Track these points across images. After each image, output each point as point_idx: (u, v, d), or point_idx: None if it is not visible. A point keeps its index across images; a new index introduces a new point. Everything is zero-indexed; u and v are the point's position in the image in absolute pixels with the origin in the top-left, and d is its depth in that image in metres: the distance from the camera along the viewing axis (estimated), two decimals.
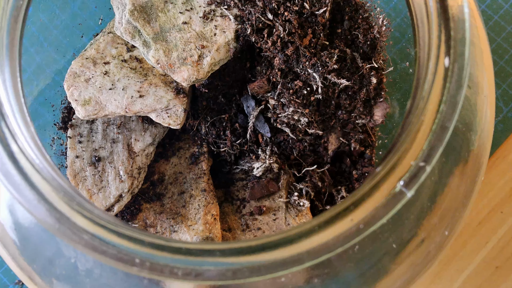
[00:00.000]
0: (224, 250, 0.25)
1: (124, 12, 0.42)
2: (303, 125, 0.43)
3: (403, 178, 0.26)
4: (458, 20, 0.28)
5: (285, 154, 0.45)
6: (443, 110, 0.27)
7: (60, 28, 0.50)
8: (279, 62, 0.41)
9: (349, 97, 0.42)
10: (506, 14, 0.56)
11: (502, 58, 0.55)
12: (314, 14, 0.41)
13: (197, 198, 0.43)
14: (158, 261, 0.25)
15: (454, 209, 0.32)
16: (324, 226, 0.26)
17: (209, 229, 0.41)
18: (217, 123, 0.45)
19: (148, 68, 0.43)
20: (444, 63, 0.27)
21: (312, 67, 0.40)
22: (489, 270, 0.51)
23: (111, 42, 0.43)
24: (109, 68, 0.42)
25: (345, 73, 0.42)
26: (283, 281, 0.29)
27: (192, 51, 0.41)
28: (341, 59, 0.42)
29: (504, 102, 0.54)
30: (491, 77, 0.34)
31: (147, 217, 0.43)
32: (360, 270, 0.30)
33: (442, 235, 0.31)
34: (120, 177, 0.42)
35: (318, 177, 0.45)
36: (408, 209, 0.30)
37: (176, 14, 0.42)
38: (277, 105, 0.43)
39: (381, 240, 0.30)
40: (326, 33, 0.42)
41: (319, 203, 0.45)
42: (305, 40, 0.41)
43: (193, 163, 0.45)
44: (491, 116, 0.34)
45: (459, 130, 0.31)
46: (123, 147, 0.43)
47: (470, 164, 0.32)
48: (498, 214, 0.52)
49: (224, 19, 0.43)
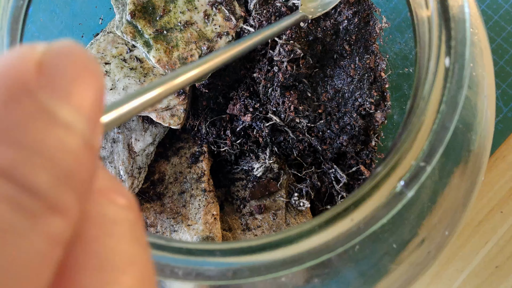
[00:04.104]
0: (224, 250, 0.25)
1: (125, 12, 0.42)
2: (304, 127, 0.43)
3: (403, 178, 0.26)
4: (458, 20, 0.28)
5: (285, 154, 0.45)
6: (444, 110, 0.27)
7: (60, 28, 0.50)
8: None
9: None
10: (506, 14, 0.56)
11: (502, 58, 0.55)
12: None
13: (197, 198, 0.43)
14: (159, 261, 0.25)
15: (454, 209, 0.32)
16: (324, 226, 0.26)
17: (209, 229, 0.41)
18: (217, 123, 0.45)
19: (149, 68, 0.43)
20: (444, 63, 0.28)
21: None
22: (488, 269, 0.51)
23: (111, 42, 0.43)
24: (110, 68, 0.42)
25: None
26: (283, 281, 0.29)
27: (193, 50, 0.41)
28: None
29: (504, 102, 0.54)
30: (491, 77, 0.34)
31: (148, 216, 0.43)
32: (360, 270, 0.30)
33: (442, 235, 0.31)
34: (120, 177, 0.42)
35: (318, 177, 0.45)
36: (408, 209, 0.30)
37: (177, 14, 0.42)
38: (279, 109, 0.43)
39: (381, 240, 0.30)
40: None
41: (319, 203, 0.45)
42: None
43: (193, 163, 0.45)
44: (491, 116, 0.34)
45: (459, 130, 0.31)
46: (123, 147, 0.43)
47: (470, 164, 0.32)
48: (498, 213, 0.52)
49: (225, 19, 0.43)
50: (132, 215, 0.15)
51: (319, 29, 0.43)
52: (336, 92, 0.44)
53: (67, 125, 0.13)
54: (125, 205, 0.15)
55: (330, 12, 0.44)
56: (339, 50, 0.44)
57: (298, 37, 0.42)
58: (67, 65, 0.14)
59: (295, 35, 0.42)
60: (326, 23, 0.44)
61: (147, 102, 0.23)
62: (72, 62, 0.14)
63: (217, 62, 0.28)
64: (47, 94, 0.13)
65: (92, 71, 0.14)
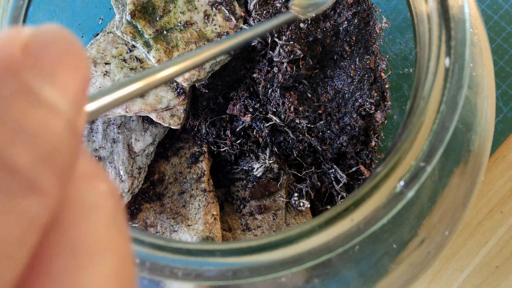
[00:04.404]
0: (224, 250, 0.25)
1: (125, 12, 0.42)
2: (304, 128, 0.43)
3: (403, 178, 0.26)
4: (458, 20, 0.28)
5: (285, 154, 0.45)
6: (444, 110, 0.27)
7: None
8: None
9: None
10: (506, 14, 0.56)
11: (502, 58, 0.55)
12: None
13: (197, 198, 0.43)
14: (158, 261, 0.25)
15: (454, 209, 0.32)
16: (324, 226, 0.26)
17: (209, 229, 0.41)
18: (217, 123, 0.45)
19: (149, 68, 0.43)
20: (444, 63, 0.28)
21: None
22: (488, 269, 0.51)
23: (111, 42, 0.43)
24: (110, 68, 0.42)
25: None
26: (283, 281, 0.29)
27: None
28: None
29: (504, 102, 0.54)
30: (491, 77, 0.34)
31: (147, 217, 0.43)
32: (360, 270, 0.30)
33: (442, 235, 0.31)
34: (120, 177, 0.42)
35: (318, 177, 0.45)
36: (408, 209, 0.30)
37: (177, 14, 0.42)
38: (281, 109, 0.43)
39: (381, 240, 0.30)
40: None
41: (319, 203, 0.45)
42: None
43: (193, 163, 0.45)
44: (491, 116, 0.34)
45: (459, 130, 0.31)
46: (123, 147, 0.43)
47: (470, 164, 0.32)
48: (498, 214, 0.52)
49: (225, 19, 0.43)
50: (113, 201, 0.15)
51: (319, 30, 0.43)
52: (336, 93, 0.44)
53: (51, 106, 0.13)
54: (106, 191, 0.15)
55: (330, 13, 0.44)
56: (339, 51, 0.44)
57: (298, 38, 0.42)
58: (53, 48, 0.14)
59: (295, 36, 0.42)
60: (326, 24, 0.44)
61: (133, 93, 0.23)
62: (58, 45, 0.14)
63: (205, 57, 0.28)
64: (32, 75, 0.13)
65: (78, 57, 0.14)
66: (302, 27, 0.43)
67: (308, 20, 0.43)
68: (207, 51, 0.28)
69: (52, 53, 0.14)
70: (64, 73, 0.14)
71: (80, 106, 0.14)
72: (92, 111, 0.20)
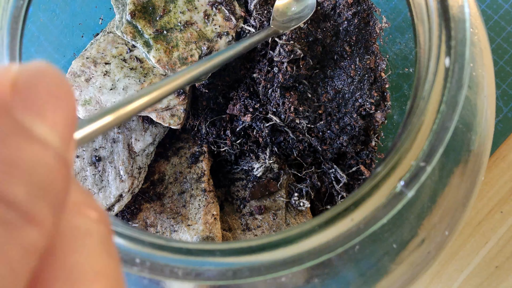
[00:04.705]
0: (224, 250, 0.25)
1: (125, 12, 0.42)
2: (304, 128, 0.43)
3: (403, 178, 0.26)
4: (458, 20, 0.28)
5: (285, 154, 0.45)
6: (444, 110, 0.27)
7: (60, 27, 0.50)
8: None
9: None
10: (506, 14, 0.56)
11: (502, 58, 0.55)
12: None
13: (197, 198, 0.43)
14: (158, 261, 0.25)
15: (454, 209, 0.32)
16: (324, 226, 0.26)
17: (209, 229, 0.41)
18: (217, 123, 0.45)
19: (149, 68, 0.43)
20: (444, 63, 0.27)
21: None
22: (488, 269, 0.51)
23: (111, 42, 0.43)
24: (110, 68, 0.42)
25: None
26: (283, 281, 0.29)
27: (193, 51, 0.41)
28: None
29: (504, 102, 0.54)
30: (491, 77, 0.34)
31: (148, 216, 0.43)
32: (360, 270, 0.30)
33: (442, 235, 0.31)
34: (120, 177, 0.42)
35: (318, 177, 0.45)
36: (408, 209, 0.30)
37: (177, 14, 0.42)
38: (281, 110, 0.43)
39: (381, 240, 0.30)
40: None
41: (319, 203, 0.45)
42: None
43: (193, 163, 0.45)
44: (491, 116, 0.34)
45: (459, 130, 0.31)
46: (123, 147, 0.43)
47: (470, 164, 0.32)
48: (498, 213, 0.52)
49: (225, 19, 0.43)
50: (103, 228, 0.16)
51: (319, 30, 0.43)
52: (336, 93, 0.44)
53: (43, 141, 0.14)
54: (96, 219, 0.16)
55: (330, 13, 0.44)
56: (339, 51, 0.44)
57: (298, 37, 0.42)
58: (41, 85, 0.15)
59: (295, 35, 0.42)
60: (326, 24, 0.44)
61: (120, 117, 0.23)
62: (45, 82, 0.15)
63: (187, 79, 0.29)
64: (22, 112, 0.14)
65: (64, 91, 0.15)
66: (302, 27, 0.43)
67: (308, 20, 0.43)
68: (187, 73, 0.29)
69: (41, 89, 0.15)
70: (53, 108, 0.15)
71: (70, 138, 0.15)
72: (80, 138, 0.21)
